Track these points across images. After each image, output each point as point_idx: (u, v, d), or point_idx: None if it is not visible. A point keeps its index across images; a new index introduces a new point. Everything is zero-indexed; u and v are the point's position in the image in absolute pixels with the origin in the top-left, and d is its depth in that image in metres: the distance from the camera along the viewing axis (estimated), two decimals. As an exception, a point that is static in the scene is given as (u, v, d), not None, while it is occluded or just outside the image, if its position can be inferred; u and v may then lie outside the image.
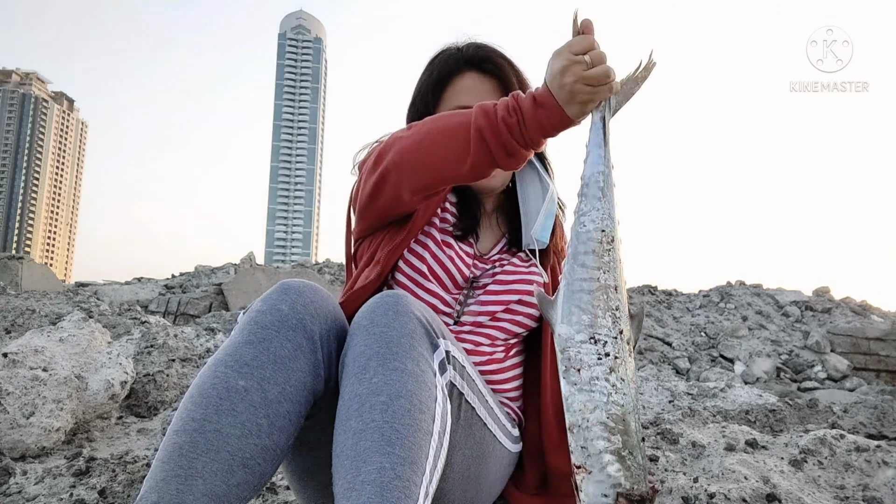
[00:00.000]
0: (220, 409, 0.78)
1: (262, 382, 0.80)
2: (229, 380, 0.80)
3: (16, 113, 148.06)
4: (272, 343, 0.83)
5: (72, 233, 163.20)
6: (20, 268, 8.84)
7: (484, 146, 0.94)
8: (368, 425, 0.77)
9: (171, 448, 0.75)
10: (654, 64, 0.93)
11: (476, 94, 1.21)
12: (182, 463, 0.73)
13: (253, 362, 0.81)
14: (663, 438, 1.62)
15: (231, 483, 0.75)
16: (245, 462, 0.77)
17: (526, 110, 0.91)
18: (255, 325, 0.85)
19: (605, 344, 0.85)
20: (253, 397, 0.79)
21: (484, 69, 1.22)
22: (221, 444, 0.76)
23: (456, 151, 0.96)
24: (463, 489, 1.04)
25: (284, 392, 0.82)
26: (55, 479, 1.50)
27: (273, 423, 0.80)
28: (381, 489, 0.71)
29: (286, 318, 0.85)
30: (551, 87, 0.89)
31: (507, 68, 1.22)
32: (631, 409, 0.84)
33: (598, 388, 0.84)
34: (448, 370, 0.90)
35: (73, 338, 2.21)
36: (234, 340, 0.85)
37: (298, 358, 0.84)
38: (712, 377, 5.65)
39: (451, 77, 1.23)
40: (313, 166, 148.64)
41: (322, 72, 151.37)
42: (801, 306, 8.12)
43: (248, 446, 0.77)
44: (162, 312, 8.03)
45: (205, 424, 0.76)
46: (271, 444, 0.80)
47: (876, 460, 1.50)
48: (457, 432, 0.95)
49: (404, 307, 0.88)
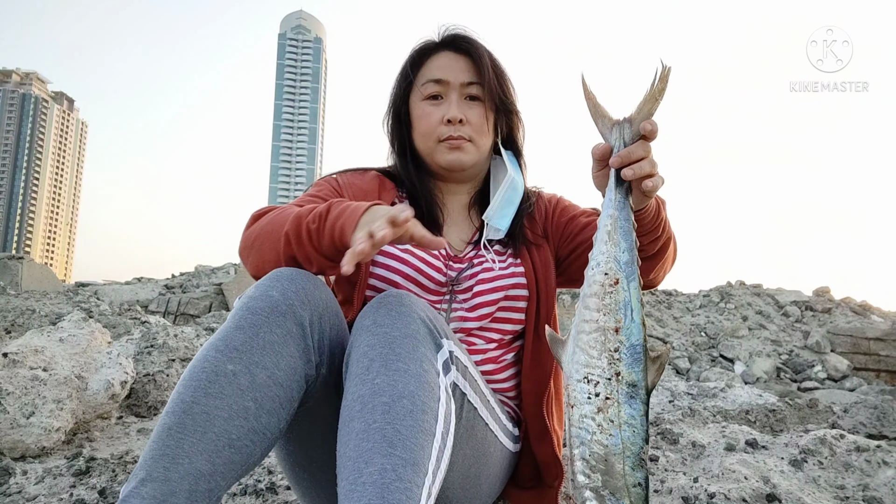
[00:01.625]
0: (209, 391, 0.79)
1: (251, 366, 0.82)
2: (219, 364, 0.81)
3: (16, 113, 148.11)
4: (262, 328, 0.84)
5: (72, 233, 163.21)
6: (20, 268, 8.84)
7: (289, 249, 0.95)
8: (370, 426, 0.77)
9: (161, 429, 0.78)
10: (670, 70, 0.89)
11: (450, 69, 1.21)
12: (170, 443, 0.76)
13: (242, 347, 0.83)
14: (663, 438, 1.63)
15: (217, 463, 0.77)
16: (231, 443, 0.78)
17: (330, 218, 0.92)
18: (247, 310, 0.86)
19: (597, 384, 0.86)
20: (241, 381, 0.81)
21: (458, 47, 1.23)
22: (208, 426, 0.77)
23: (273, 252, 0.98)
24: (464, 488, 1.05)
25: (273, 376, 0.83)
26: (55, 479, 1.50)
27: (261, 405, 0.81)
28: (381, 490, 0.71)
29: (276, 304, 0.86)
30: (357, 224, 0.88)
31: (480, 48, 1.23)
32: (618, 451, 0.84)
33: (585, 426, 0.86)
34: (451, 370, 0.90)
35: (73, 338, 2.21)
36: (226, 326, 0.86)
37: (288, 343, 0.85)
38: (712, 377, 5.65)
39: (426, 57, 1.25)
40: (313, 166, 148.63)
41: (322, 72, 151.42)
42: (801, 306, 8.12)
43: (234, 428, 0.79)
44: (162, 312, 8.03)
45: (193, 406, 0.78)
46: (259, 427, 0.81)
47: (876, 460, 1.50)
48: (459, 432, 0.96)
49: (407, 307, 0.88)
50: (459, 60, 1.22)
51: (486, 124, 1.22)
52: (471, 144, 1.21)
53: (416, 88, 1.24)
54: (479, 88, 1.21)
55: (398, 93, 1.28)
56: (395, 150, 1.30)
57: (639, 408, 0.85)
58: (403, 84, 1.27)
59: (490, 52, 1.24)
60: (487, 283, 1.17)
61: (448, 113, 1.19)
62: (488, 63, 1.22)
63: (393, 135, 1.30)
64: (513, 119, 1.29)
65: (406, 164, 1.27)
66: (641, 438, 0.85)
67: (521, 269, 1.20)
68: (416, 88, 1.24)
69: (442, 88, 1.21)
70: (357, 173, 1.29)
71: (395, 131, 1.29)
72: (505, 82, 1.26)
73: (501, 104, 1.25)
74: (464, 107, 1.20)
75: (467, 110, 1.20)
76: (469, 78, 1.21)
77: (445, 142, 1.20)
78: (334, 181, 1.25)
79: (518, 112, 1.29)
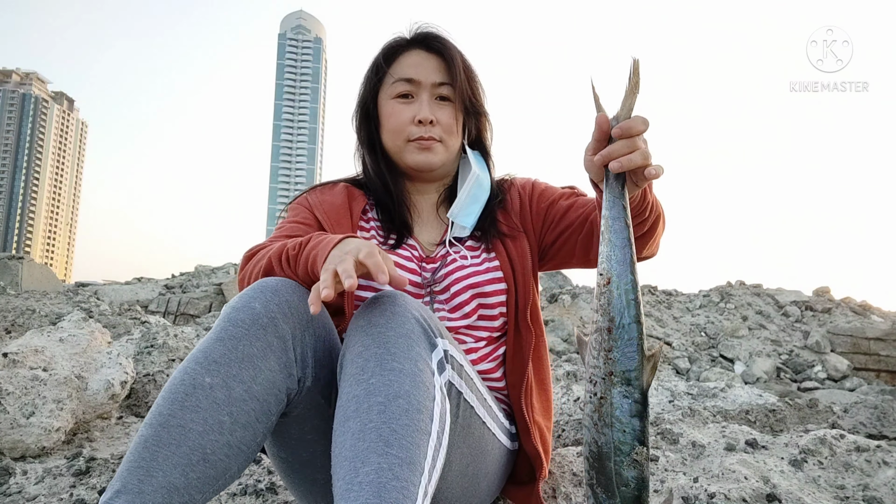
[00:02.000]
0: (185, 404, 0.79)
1: (228, 380, 0.82)
2: (196, 376, 0.81)
3: (16, 113, 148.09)
4: (241, 341, 0.84)
5: (72, 233, 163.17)
6: (20, 268, 8.84)
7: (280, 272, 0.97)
8: (366, 426, 0.77)
9: (139, 440, 0.78)
10: (639, 62, 0.91)
11: (421, 68, 1.21)
12: (145, 455, 0.76)
13: (221, 360, 0.83)
14: (663, 438, 1.63)
15: (191, 476, 0.77)
16: (206, 457, 0.78)
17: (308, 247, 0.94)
18: (228, 322, 0.86)
19: (596, 384, 0.88)
20: (217, 394, 0.81)
21: (430, 47, 1.23)
22: (183, 439, 0.78)
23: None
24: (462, 487, 1.05)
25: (250, 390, 0.83)
26: (55, 479, 1.50)
27: (236, 419, 0.81)
28: (378, 490, 0.71)
29: (258, 316, 0.86)
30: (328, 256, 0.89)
31: (452, 49, 1.23)
32: (610, 451, 0.85)
33: (587, 424, 0.89)
34: (447, 369, 0.90)
35: (73, 338, 2.21)
36: (208, 337, 0.86)
37: (268, 356, 0.85)
38: (712, 377, 5.65)
39: (397, 54, 1.24)
40: (313, 166, 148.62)
41: (322, 72, 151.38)
42: (801, 306, 8.12)
43: (209, 442, 0.79)
44: (162, 312, 8.03)
45: (170, 419, 0.78)
46: (234, 441, 0.81)
47: (876, 460, 1.50)
48: (455, 431, 0.96)
49: (402, 307, 0.88)
50: (431, 60, 1.22)
51: (456, 125, 1.23)
52: (440, 145, 1.22)
53: (386, 86, 1.24)
54: (450, 89, 1.21)
55: (367, 89, 1.27)
56: (364, 147, 1.30)
57: (631, 407, 0.85)
58: (373, 80, 1.26)
59: (462, 54, 1.24)
60: (462, 280, 1.17)
61: (419, 113, 1.19)
62: (460, 65, 1.22)
63: (361, 132, 1.30)
64: (482, 121, 1.30)
65: (376, 162, 1.27)
66: (633, 438, 0.85)
67: (495, 263, 1.20)
68: (386, 86, 1.24)
69: (413, 88, 1.21)
70: (327, 188, 1.29)
71: (364, 128, 1.29)
72: (475, 84, 1.26)
73: (471, 106, 1.25)
74: (434, 107, 1.21)
75: (438, 111, 1.21)
76: (440, 78, 1.21)
77: (415, 142, 1.21)
78: (305, 201, 1.26)
79: (487, 114, 1.30)
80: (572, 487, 1.38)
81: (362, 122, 1.29)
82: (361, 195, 1.28)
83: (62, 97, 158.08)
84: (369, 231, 1.24)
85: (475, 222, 1.24)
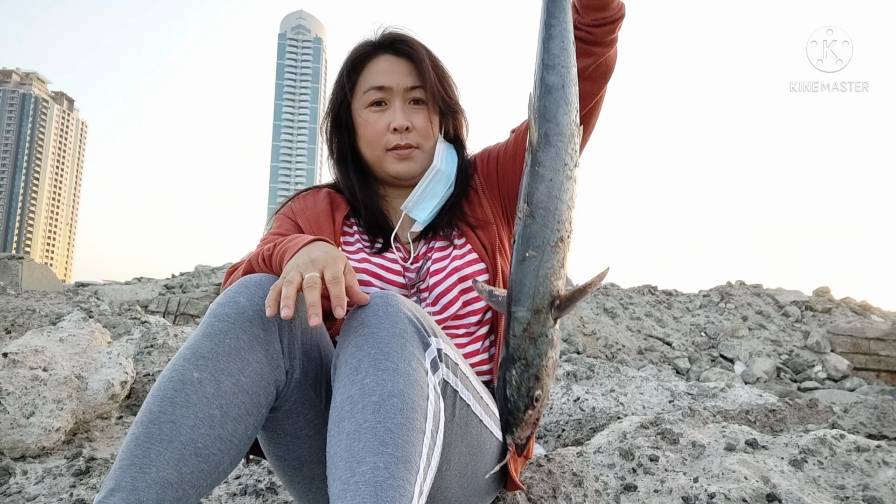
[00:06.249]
0: (175, 400, 0.80)
1: (216, 374, 0.82)
2: (185, 372, 0.82)
3: (16, 113, 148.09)
4: (228, 335, 0.85)
5: (72, 233, 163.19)
6: (20, 268, 8.84)
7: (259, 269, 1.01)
8: (361, 426, 0.77)
9: (130, 438, 0.79)
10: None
11: (392, 74, 1.21)
12: (137, 452, 0.77)
13: (208, 354, 0.83)
14: (663, 438, 1.62)
15: (184, 471, 0.78)
16: (198, 451, 0.79)
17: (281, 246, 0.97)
18: (214, 317, 0.87)
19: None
20: (206, 388, 0.81)
21: (398, 51, 1.22)
22: (174, 434, 0.78)
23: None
24: (461, 485, 1.05)
25: (239, 383, 0.84)
26: (55, 479, 1.50)
27: (226, 413, 0.82)
28: (375, 489, 0.72)
29: (244, 310, 0.87)
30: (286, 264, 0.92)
31: (420, 50, 1.22)
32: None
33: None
34: (440, 368, 0.90)
35: (73, 338, 2.21)
36: (195, 334, 0.87)
37: (255, 349, 0.86)
38: (712, 377, 5.65)
39: (365, 61, 1.23)
40: (313, 166, 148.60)
41: (322, 72, 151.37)
42: (801, 306, 8.12)
43: (200, 436, 0.79)
44: (162, 312, 8.03)
45: (160, 416, 0.79)
46: (226, 434, 0.82)
47: (876, 460, 1.50)
48: (453, 430, 0.96)
49: (394, 307, 0.89)
50: (400, 64, 1.22)
51: (432, 127, 1.23)
52: (419, 151, 1.22)
53: (358, 95, 1.23)
54: (423, 92, 1.21)
55: (338, 98, 1.26)
56: (334, 157, 1.30)
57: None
58: (345, 89, 1.25)
59: (429, 52, 1.24)
60: (440, 272, 1.18)
61: (394, 121, 1.19)
62: (429, 65, 1.21)
63: (332, 142, 1.29)
64: (458, 118, 1.30)
65: (347, 173, 1.27)
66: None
67: (468, 248, 1.21)
68: (358, 95, 1.23)
69: (385, 95, 1.21)
70: (310, 195, 1.30)
71: (335, 138, 1.29)
72: (447, 82, 1.26)
73: (445, 105, 1.25)
74: (409, 112, 1.21)
75: (412, 116, 1.21)
76: (412, 82, 1.21)
77: (393, 151, 1.20)
78: (289, 210, 1.26)
79: (462, 110, 1.30)
80: (572, 487, 1.38)
81: (333, 133, 1.29)
82: (344, 202, 1.28)
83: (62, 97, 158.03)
84: (353, 237, 1.24)
85: (431, 217, 1.24)
